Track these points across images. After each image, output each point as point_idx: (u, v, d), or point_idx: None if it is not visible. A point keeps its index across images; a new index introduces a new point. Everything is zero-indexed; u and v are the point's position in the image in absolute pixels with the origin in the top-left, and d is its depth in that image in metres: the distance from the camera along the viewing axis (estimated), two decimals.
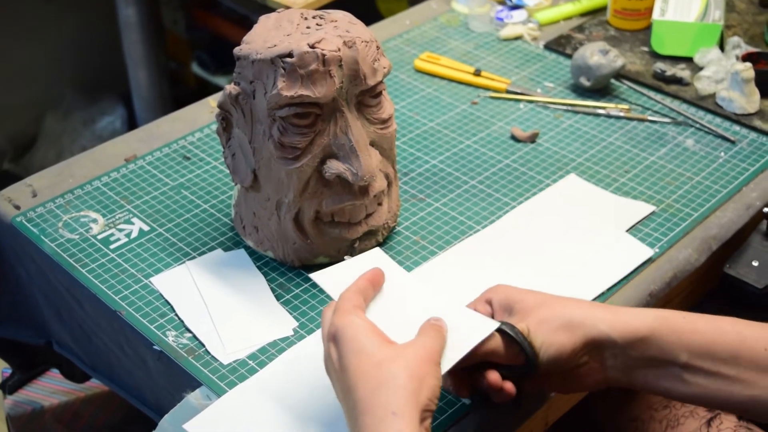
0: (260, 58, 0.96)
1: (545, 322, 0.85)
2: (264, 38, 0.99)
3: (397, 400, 0.75)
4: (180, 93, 2.62)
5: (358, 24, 1.01)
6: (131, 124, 2.67)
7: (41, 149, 2.62)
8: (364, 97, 1.00)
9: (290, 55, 0.95)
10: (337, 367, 0.79)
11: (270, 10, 1.61)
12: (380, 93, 1.01)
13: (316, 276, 0.91)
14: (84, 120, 2.66)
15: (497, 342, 0.85)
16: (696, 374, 0.85)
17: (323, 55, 0.94)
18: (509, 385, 0.86)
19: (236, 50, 1.00)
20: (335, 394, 0.83)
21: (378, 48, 1.00)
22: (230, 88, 1.01)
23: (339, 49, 0.95)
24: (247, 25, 2.52)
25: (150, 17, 2.37)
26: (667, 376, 0.86)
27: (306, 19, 1.01)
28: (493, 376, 0.85)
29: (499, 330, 0.84)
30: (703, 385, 0.85)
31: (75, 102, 2.67)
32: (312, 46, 0.95)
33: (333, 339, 0.80)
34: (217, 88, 2.57)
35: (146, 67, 2.42)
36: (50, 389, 1.53)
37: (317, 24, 0.99)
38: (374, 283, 0.87)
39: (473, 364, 0.85)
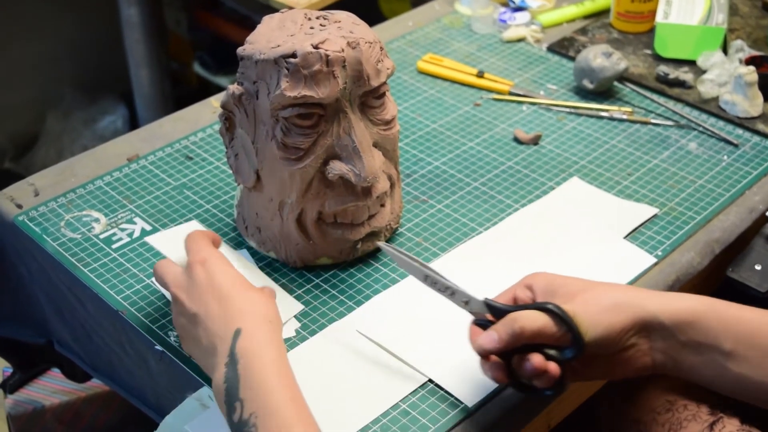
0: (264, 58, 0.96)
1: (592, 302, 0.85)
2: (267, 38, 0.98)
3: (269, 312, 0.87)
4: (181, 93, 2.62)
5: (362, 25, 1.01)
6: (132, 124, 2.67)
7: (42, 149, 2.62)
8: (368, 98, 1.00)
9: (294, 55, 0.94)
10: (205, 283, 0.87)
11: (272, 10, 1.61)
12: (383, 94, 1.01)
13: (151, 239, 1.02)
14: (85, 119, 2.66)
15: (545, 321, 0.84)
16: (740, 364, 0.85)
17: (327, 56, 0.94)
18: (553, 366, 0.84)
19: (240, 50, 0.99)
20: (178, 310, 0.89)
21: (381, 49, 1.00)
22: (233, 88, 1.00)
23: (342, 50, 0.95)
24: (249, 25, 2.53)
25: (152, 17, 2.36)
26: (712, 364, 0.86)
27: (310, 19, 1.00)
28: (537, 358, 0.84)
29: (545, 309, 0.84)
30: (746, 375, 0.85)
31: (76, 101, 2.67)
32: (316, 47, 0.94)
33: (202, 263, 0.88)
34: (219, 89, 2.57)
35: (148, 66, 2.42)
36: (51, 389, 1.53)
37: (321, 24, 0.99)
38: (214, 239, 0.95)
39: (514, 348, 0.85)
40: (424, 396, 0.92)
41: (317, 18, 1.01)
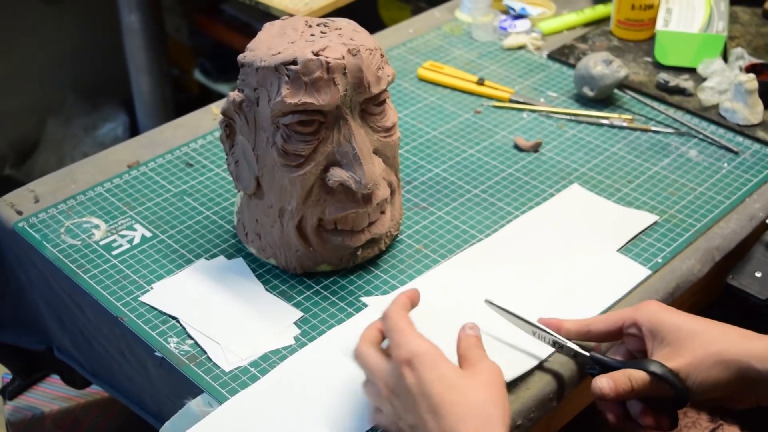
0: (264, 65, 0.96)
1: (699, 362, 0.88)
2: (268, 45, 0.99)
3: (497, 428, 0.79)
4: (182, 100, 2.62)
5: (362, 32, 1.01)
6: (133, 130, 2.67)
7: (42, 155, 2.62)
8: (368, 105, 1.00)
9: (294, 62, 0.95)
10: (416, 391, 0.80)
11: (273, 17, 1.62)
12: (384, 101, 1.01)
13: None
14: (85, 126, 2.66)
15: (652, 384, 0.88)
16: None
17: (327, 63, 0.94)
18: (665, 421, 0.90)
19: (240, 57, 1.00)
20: (395, 413, 0.83)
21: (382, 56, 1.00)
22: (234, 95, 1.00)
23: (343, 57, 0.95)
24: (250, 32, 2.53)
25: (153, 24, 2.37)
26: None
27: (310, 26, 1.01)
28: (648, 420, 0.89)
29: (655, 374, 0.88)
30: None
31: (76, 108, 2.67)
32: (316, 54, 0.95)
33: (409, 364, 0.81)
34: (220, 96, 2.57)
35: (149, 73, 2.43)
36: (50, 395, 1.53)
37: (321, 32, 0.99)
38: (413, 300, 0.90)
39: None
40: None
41: (318, 25, 1.01)
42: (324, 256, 1.05)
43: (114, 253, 1.09)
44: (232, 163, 1.05)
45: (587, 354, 0.93)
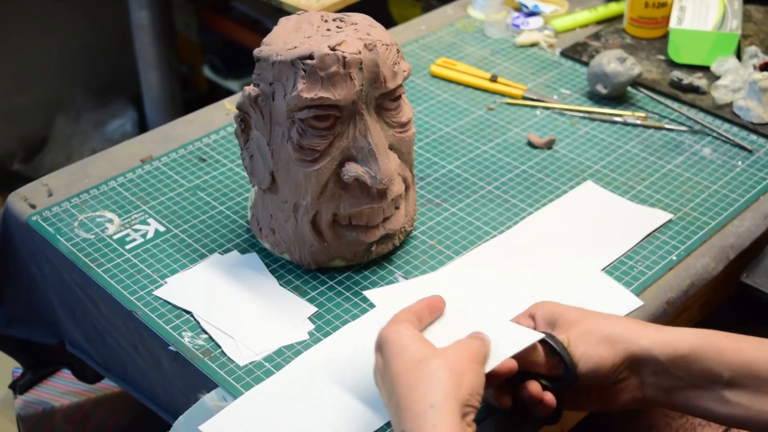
0: (280, 59, 0.96)
1: (587, 334, 0.85)
2: (284, 40, 0.98)
3: (435, 393, 0.75)
4: (191, 97, 2.62)
5: (378, 27, 1.01)
6: (142, 127, 2.67)
7: (51, 151, 2.62)
8: (384, 100, 1.00)
9: (311, 57, 0.94)
10: (382, 372, 0.80)
11: (285, 13, 1.62)
12: (399, 96, 1.01)
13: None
14: (94, 122, 2.66)
15: (538, 352, 0.85)
16: (738, 393, 0.84)
17: (344, 58, 0.94)
18: (549, 396, 0.86)
19: (256, 51, 0.99)
20: (383, 400, 0.82)
21: (398, 51, 1.00)
22: (249, 89, 1.00)
23: (360, 52, 0.95)
24: (260, 29, 2.53)
25: (162, 20, 2.37)
26: (709, 396, 0.85)
27: (326, 21, 1.00)
28: (534, 386, 0.85)
29: (540, 340, 0.85)
30: (745, 405, 0.84)
31: (85, 104, 2.67)
32: (333, 49, 0.94)
33: (378, 348, 0.82)
34: (229, 92, 2.57)
35: (158, 69, 2.42)
36: (61, 390, 1.52)
37: (338, 26, 0.99)
38: (431, 308, 0.88)
39: (514, 375, 0.86)
40: None
41: (334, 20, 1.01)
42: (338, 251, 1.04)
43: (127, 247, 1.09)
44: (247, 158, 1.05)
45: None
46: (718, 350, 0.85)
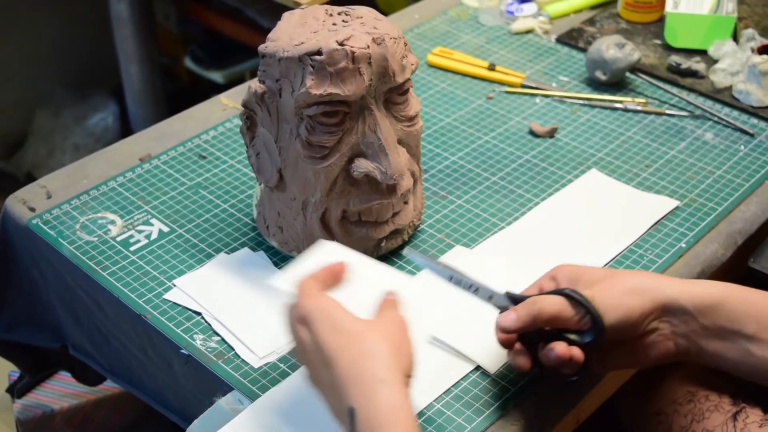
0: (287, 55, 0.94)
1: (612, 287, 0.85)
2: (290, 35, 0.97)
3: (380, 367, 0.76)
4: (172, 88, 2.59)
5: (384, 20, 1.00)
6: (123, 120, 2.63)
7: (32, 147, 2.58)
8: (392, 94, 0.98)
9: (319, 52, 0.93)
10: (311, 347, 0.79)
11: (264, 2, 1.58)
12: (407, 90, 1.00)
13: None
14: (75, 117, 2.63)
15: (563, 304, 0.85)
16: (764, 347, 0.85)
17: (353, 53, 0.93)
18: (577, 351, 0.85)
19: (261, 48, 0.98)
20: (309, 376, 0.82)
21: (405, 44, 0.99)
22: (255, 86, 0.99)
23: (368, 46, 0.93)
24: (242, 18, 2.49)
25: (142, 12, 2.33)
26: (735, 348, 0.86)
27: (331, 15, 0.99)
28: (561, 347, 0.84)
29: (564, 294, 0.85)
30: None
31: (66, 99, 2.63)
32: (341, 44, 0.93)
33: (303, 321, 0.80)
34: (211, 83, 2.55)
35: (138, 62, 2.39)
36: (60, 392, 1.51)
37: (343, 20, 0.98)
38: (334, 274, 0.86)
39: (537, 336, 0.85)
40: (458, 395, 0.91)
41: (339, 14, 0.99)
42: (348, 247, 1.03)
43: (132, 248, 1.07)
44: (253, 156, 1.03)
45: (502, 293, 0.88)
46: (745, 303, 0.86)
